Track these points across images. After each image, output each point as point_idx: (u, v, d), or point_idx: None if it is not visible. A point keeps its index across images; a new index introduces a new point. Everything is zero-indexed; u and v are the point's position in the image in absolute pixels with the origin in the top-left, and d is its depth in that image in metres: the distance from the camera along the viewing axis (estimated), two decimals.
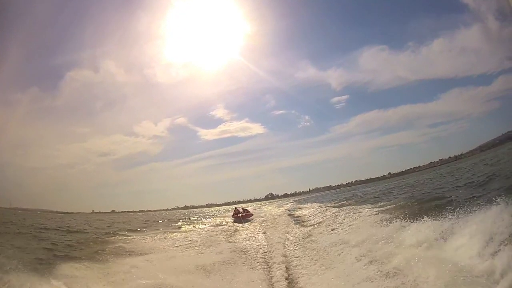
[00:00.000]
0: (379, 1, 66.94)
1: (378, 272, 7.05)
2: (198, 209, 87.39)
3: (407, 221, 9.92)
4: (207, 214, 44.65)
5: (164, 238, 16.85)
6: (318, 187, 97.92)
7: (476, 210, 8.09)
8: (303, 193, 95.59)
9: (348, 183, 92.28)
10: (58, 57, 70.39)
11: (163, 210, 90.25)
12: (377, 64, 71.98)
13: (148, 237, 17.20)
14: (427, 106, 74.41)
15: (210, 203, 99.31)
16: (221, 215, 36.76)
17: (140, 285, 7.81)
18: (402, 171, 75.33)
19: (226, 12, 69.75)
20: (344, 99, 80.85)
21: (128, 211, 79.24)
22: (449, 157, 69.75)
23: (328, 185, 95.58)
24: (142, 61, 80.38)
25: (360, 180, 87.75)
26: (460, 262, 6.13)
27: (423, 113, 79.92)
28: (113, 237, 16.96)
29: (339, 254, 9.59)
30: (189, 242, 15.21)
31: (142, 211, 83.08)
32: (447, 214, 8.87)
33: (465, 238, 7.00)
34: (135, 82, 77.20)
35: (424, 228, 8.63)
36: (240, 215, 26.97)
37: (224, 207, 68.44)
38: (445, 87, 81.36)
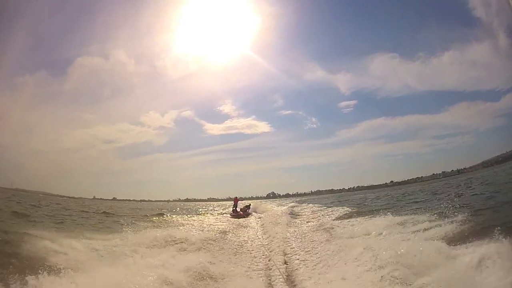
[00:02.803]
0: (391, 8, 72.76)
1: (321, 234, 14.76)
2: (200, 202, 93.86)
3: (351, 218, 17.83)
4: (213, 207, 52.60)
5: (190, 218, 25.07)
6: (320, 189, 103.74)
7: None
8: (305, 194, 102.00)
9: (350, 188, 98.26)
10: (69, 42, 74.77)
11: (165, 201, 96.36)
12: (387, 71, 77.73)
13: (178, 217, 25.35)
14: (434, 117, 79.62)
15: (211, 197, 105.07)
16: (224, 209, 44.22)
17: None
18: (404, 181, 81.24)
19: (238, 7, 74.73)
20: (352, 104, 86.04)
21: (129, 200, 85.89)
22: (452, 170, 75.59)
23: (331, 189, 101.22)
24: (153, 52, 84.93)
25: (362, 186, 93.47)
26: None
27: (430, 124, 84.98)
28: (153, 218, 25.09)
29: (312, 240, 17.22)
30: (209, 220, 23.52)
31: (144, 200, 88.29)
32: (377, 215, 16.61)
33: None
34: (144, 72, 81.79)
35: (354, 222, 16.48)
36: (240, 211, 30.70)
37: (226, 203, 74.65)
38: (453, 100, 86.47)
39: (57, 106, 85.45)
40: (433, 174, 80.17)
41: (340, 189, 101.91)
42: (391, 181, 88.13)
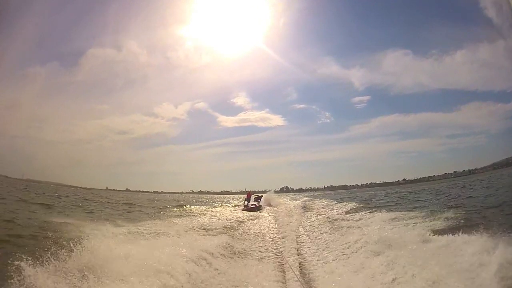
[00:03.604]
0: (404, 6, 73.75)
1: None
2: (214, 195, 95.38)
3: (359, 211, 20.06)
4: (228, 200, 55.30)
5: (209, 209, 27.75)
6: (334, 185, 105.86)
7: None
8: (318, 189, 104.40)
9: (363, 184, 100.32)
10: (81, 34, 77.31)
11: (178, 193, 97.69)
12: (400, 68, 79.23)
13: (198, 208, 28.10)
14: (447, 116, 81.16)
15: (225, 190, 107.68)
16: (239, 202, 46.81)
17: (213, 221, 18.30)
18: (417, 179, 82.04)
19: (252, 1, 75.76)
20: (365, 99, 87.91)
21: (142, 191, 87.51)
22: (463, 170, 76.71)
23: (344, 184, 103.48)
24: (166, 44, 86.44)
25: (375, 183, 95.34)
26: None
27: (443, 123, 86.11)
28: (174, 208, 27.82)
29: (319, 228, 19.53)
30: (226, 212, 26.22)
31: (157, 192, 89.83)
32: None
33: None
34: (157, 63, 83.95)
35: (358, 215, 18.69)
36: (252, 205, 31.50)
37: (240, 196, 75.70)
38: (465, 99, 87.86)
39: (69, 97, 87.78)
40: (445, 173, 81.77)
41: (353, 185, 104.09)
42: (404, 179, 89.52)
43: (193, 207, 30.80)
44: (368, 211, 19.80)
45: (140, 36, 74.94)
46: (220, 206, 35.16)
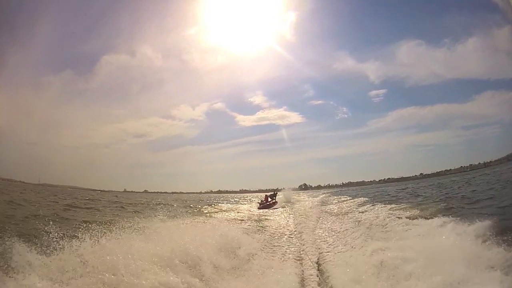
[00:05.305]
0: None
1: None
2: (233, 194, 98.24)
3: (365, 205, 24.49)
4: (250, 198, 59.50)
5: (235, 207, 32.70)
6: (352, 181, 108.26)
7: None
8: (336, 186, 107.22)
9: (381, 180, 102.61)
10: (94, 41, 77.30)
11: (197, 193, 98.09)
12: (414, 58, 79.63)
13: (225, 206, 33.06)
14: (461, 106, 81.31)
15: (243, 189, 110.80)
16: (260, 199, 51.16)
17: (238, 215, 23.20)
18: (434, 173, 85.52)
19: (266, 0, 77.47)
20: (382, 93, 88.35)
21: (161, 192, 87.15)
22: (479, 163, 78.56)
23: (362, 180, 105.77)
24: (180, 46, 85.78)
25: (392, 178, 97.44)
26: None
27: (458, 114, 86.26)
28: (204, 206, 32.47)
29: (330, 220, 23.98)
30: (250, 208, 31.24)
31: (175, 192, 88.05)
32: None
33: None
34: (173, 66, 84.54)
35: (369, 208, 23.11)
36: (268, 203, 33.92)
37: (258, 194, 76.14)
38: (479, 89, 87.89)
39: (85, 103, 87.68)
40: (461, 166, 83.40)
41: (370, 181, 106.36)
42: (421, 174, 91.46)
43: (221, 204, 35.73)
44: (372, 205, 23.79)
45: (155, 40, 76.65)
46: (244, 204, 39.88)
